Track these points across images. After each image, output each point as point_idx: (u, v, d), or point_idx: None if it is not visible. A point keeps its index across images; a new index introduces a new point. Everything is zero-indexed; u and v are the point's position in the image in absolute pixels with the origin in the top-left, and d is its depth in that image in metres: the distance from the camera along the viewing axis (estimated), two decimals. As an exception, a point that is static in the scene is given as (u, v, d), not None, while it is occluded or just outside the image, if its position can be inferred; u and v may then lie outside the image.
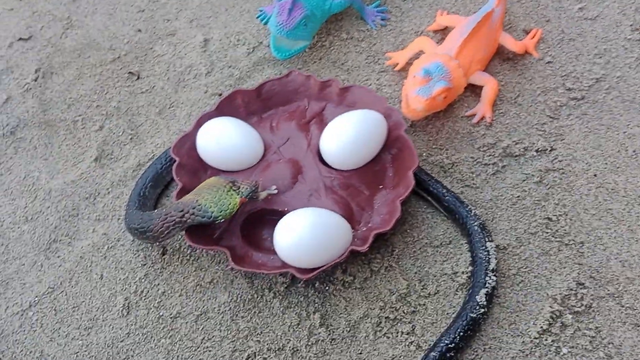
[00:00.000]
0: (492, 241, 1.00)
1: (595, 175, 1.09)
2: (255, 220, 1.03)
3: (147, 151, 1.18)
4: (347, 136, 1.04)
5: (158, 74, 1.30)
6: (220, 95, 1.25)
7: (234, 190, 0.95)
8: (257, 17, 1.36)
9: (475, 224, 1.01)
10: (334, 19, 1.34)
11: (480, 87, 1.19)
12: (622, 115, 1.16)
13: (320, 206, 1.01)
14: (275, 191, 1.01)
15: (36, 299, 1.06)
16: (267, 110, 1.16)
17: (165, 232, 0.95)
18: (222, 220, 0.94)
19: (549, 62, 1.25)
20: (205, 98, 1.25)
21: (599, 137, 1.14)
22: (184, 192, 1.01)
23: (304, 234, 0.92)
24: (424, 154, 1.15)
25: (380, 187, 1.05)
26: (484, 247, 0.98)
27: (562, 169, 1.11)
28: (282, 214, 0.99)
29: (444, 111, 1.18)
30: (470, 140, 1.16)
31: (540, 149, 1.13)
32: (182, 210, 0.94)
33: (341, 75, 1.26)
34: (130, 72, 1.30)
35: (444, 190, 1.05)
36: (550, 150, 1.13)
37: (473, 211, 1.02)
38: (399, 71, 1.25)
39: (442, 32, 1.30)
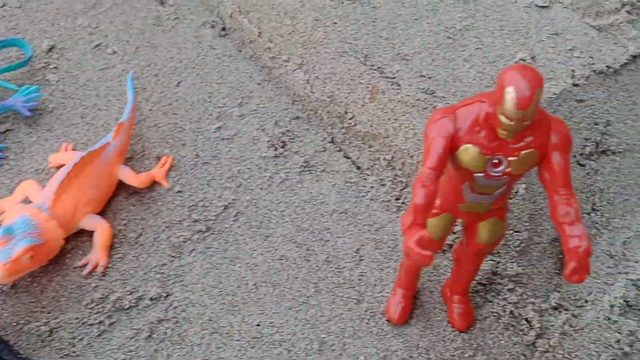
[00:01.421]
0: None
1: (210, 319, 1.01)
2: None
3: None
4: None
5: None
6: None
7: None
8: None
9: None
10: None
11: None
12: (247, 243, 1.11)
13: None
14: None
15: None
16: None
17: None
18: None
19: (179, 192, 1.17)
20: None
21: (220, 272, 1.07)
22: None
23: None
24: (22, 322, 0.99)
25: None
26: None
27: (176, 317, 1.01)
28: None
29: (52, 264, 1.04)
30: (79, 296, 1.02)
31: (154, 297, 1.03)
32: None
33: None
34: None
35: (21, 372, 0.90)
36: (166, 297, 1.04)
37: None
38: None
39: (66, 169, 1.18)
